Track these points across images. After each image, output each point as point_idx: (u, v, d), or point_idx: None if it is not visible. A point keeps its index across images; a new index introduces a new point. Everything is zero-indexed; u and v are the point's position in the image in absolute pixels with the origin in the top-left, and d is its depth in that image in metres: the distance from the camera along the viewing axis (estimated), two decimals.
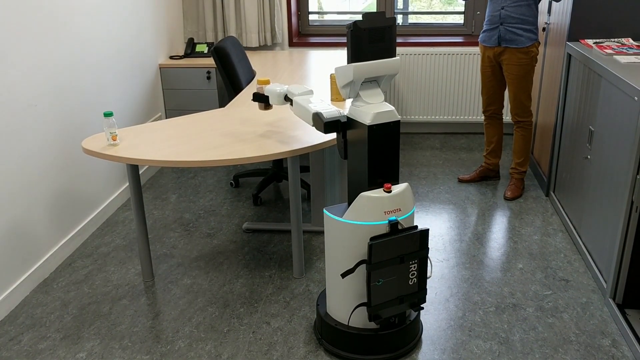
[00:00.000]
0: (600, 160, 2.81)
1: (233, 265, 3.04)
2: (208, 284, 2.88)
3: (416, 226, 2.21)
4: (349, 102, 3.19)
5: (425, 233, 2.21)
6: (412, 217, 2.25)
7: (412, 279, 2.26)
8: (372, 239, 2.13)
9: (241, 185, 4.02)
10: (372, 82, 2.18)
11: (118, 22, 3.69)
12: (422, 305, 2.38)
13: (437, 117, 4.78)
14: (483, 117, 3.87)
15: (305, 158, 4.18)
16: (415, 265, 2.24)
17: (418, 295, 2.31)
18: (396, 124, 2.13)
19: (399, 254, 2.19)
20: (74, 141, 3.21)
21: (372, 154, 2.12)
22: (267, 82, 2.76)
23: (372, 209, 2.14)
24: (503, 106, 3.78)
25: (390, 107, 2.12)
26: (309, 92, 2.52)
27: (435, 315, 2.61)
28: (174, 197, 3.85)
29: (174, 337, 2.50)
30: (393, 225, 2.17)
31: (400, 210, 2.17)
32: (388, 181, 2.20)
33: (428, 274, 2.36)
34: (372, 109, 2.09)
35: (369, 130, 2.07)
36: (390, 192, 2.15)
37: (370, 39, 2.07)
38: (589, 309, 2.64)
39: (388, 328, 2.30)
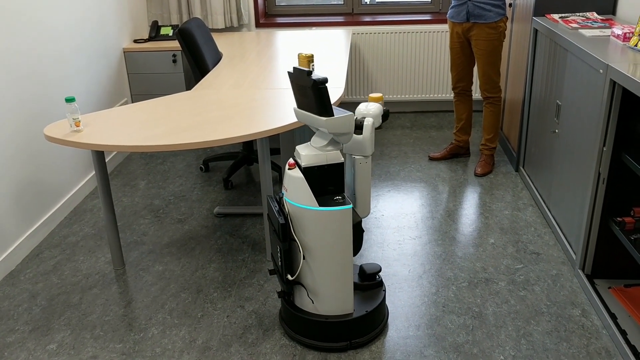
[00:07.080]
0: (567, 134, 2.84)
1: (205, 250, 3.01)
2: (180, 270, 2.84)
3: (284, 213, 2.20)
4: None
5: (283, 227, 2.15)
6: (298, 209, 2.18)
7: (279, 260, 2.26)
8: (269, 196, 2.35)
9: (211, 170, 3.97)
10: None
11: (79, 5, 3.57)
12: (288, 298, 2.36)
13: (406, 95, 4.78)
14: (453, 95, 3.88)
15: (276, 140, 4.14)
16: (279, 250, 2.23)
17: (282, 283, 2.30)
18: (325, 167, 2.17)
19: (274, 228, 2.27)
20: (36, 129, 3.12)
21: (310, 183, 2.19)
22: (379, 99, 2.44)
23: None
24: (472, 82, 3.79)
25: (318, 153, 2.16)
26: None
27: (408, 292, 2.63)
28: (143, 183, 3.79)
29: (147, 325, 2.47)
30: (279, 199, 2.29)
31: (287, 190, 2.21)
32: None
33: (290, 275, 2.26)
34: (306, 150, 2.18)
35: (303, 170, 2.16)
36: (288, 169, 2.20)
37: (298, 90, 2.15)
38: (559, 280, 2.68)
39: (288, 304, 2.35)
